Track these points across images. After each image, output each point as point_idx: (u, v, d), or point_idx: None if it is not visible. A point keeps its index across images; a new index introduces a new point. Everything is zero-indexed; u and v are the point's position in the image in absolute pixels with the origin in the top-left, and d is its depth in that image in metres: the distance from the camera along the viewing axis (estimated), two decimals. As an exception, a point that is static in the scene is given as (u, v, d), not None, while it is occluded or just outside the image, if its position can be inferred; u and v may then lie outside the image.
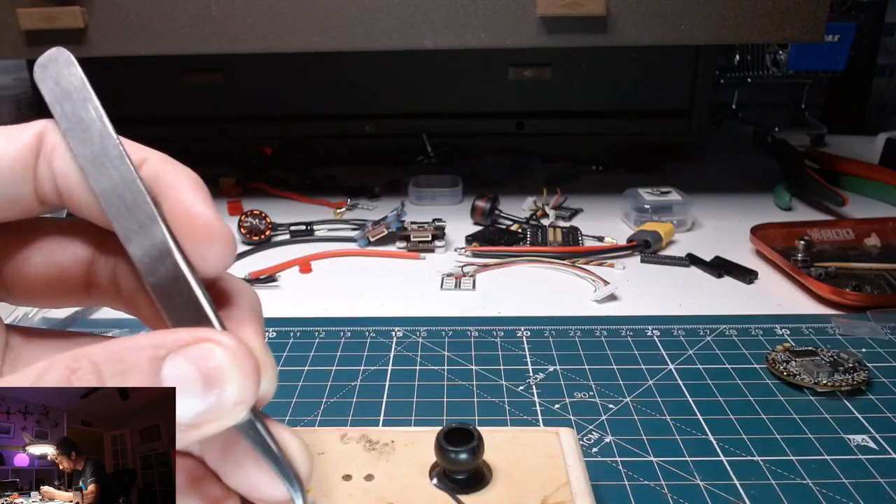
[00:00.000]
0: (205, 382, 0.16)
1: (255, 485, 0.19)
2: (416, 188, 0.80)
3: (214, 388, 0.17)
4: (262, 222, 0.68)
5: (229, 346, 0.17)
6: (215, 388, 0.17)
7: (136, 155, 0.20)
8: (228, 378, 0.17)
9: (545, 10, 0.60)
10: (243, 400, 0.17)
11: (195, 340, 0.17)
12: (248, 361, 0.17)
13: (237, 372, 0.17)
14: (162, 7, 0.62)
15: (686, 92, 0.93)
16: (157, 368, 0.16)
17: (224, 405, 0.17)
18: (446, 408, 0.40)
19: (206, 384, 0.16)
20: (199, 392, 0.16)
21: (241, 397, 0.17)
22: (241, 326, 0.20)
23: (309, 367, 0.45)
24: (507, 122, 0.95)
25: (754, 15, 0.60)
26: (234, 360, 0.17)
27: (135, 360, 0.16)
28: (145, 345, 0.16)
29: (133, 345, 0.16)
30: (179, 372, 0.16)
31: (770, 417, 0.38)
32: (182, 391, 0.16)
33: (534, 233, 0.68)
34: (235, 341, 0.17)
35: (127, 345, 0.16)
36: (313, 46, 0.63)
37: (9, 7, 0.62)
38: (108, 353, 0.16)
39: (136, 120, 0.93)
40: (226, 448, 0.19)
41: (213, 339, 0.17)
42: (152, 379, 0.16)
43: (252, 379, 0.17)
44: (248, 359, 0.17)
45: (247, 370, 0.17)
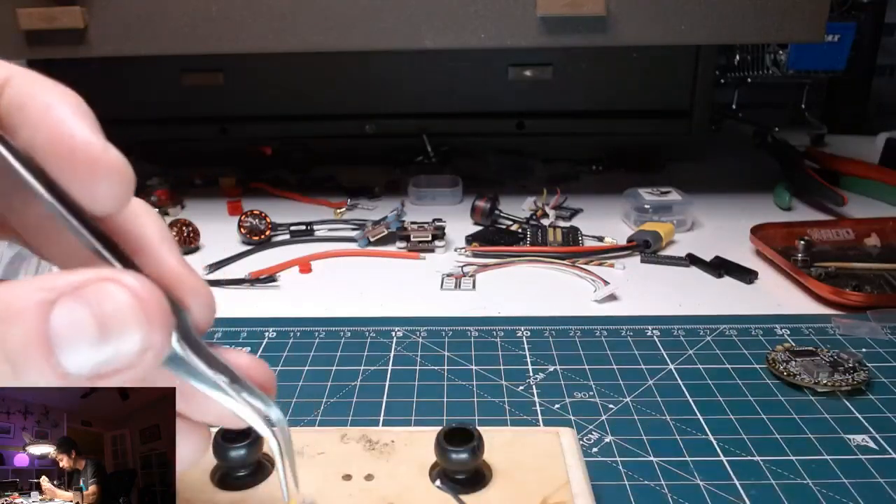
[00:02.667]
0: (101, 329, 0.14)
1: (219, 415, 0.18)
2: (416, 188, 0.80)
3: (113, 335, 0.15)
4: (262, 222, 0.68)
5: (130, 285, 0.15)
6: (114, 336, 0.15)
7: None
8: (129, 323, 0.15)
9: (545, 10, 0.60)
10: (151, 346, 0.15)
11: (90, 282, 0.15)
12: (155, 304, 0.15)
13: (139, 315, 0.15)
14: (162, 7, 0.62)
15: (686, 92, 0.93)
16: (44, 314, 0.14)
17: (126, 354, 0.15)
18: (446, 408, 0.40)
19: (102, 331, 0.14)
20: (94, 340, 0.14)
21: (147, 343, 0.15)
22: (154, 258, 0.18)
23: (309, 367, 0.45)
24: (507, 122, 0.95)
25: (754, 15, 0.60)
26: (137, 301, 0.15)
27: (20, 305, 0.14)
28: (34, 287, 0.14)
29: (21, 289, 0.14)
30: (71, 318, 0.14)
31: (770, 417, 0.38)
32: (75, 340, 0.14)
33: (534, 233, 0.68)
34: (138, 280, 0.15)
35: (14, 288, 0.14)
36: (313, 46, 0.63)
37: (9, 7, 0.62)
38: None
39: (136, 120, 0.93)
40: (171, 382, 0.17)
41: (111, 279, 0.15)
42: (39, 326, 0.14)
43: (159, 321, 0.15)
44: (155, 300, 0.15)
45: (153, 312, 0.15)
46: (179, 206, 0.78)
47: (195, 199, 0.81)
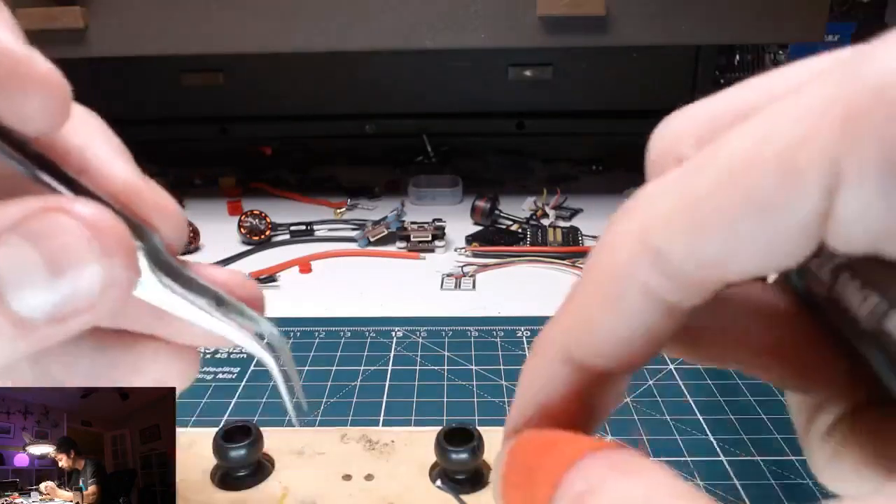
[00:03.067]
0: (51, 266, 0.13)
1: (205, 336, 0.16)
2: (416, 188, 0.80)
3: (66, 271, 0.13)
4: (262, 222, 0.68)
5: (80, 212, 0.13)
6: (68, 272, 0.13)
7: None
8: (83, 256, 0.13)
9: (545, 10, 0.60)
10: (114, 282, 0.13)
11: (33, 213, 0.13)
12: (108, 228, 0.13)
13: (94, 246, 0.13)
14: (162, 7, 0.62)
15: (686, 92, 0.93)
16: None
17: (85, 291, 0.13)
18: (446, 408, 0.40)
19: (53, 268, 0.13)
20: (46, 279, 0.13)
21: (109, 277, 0.13)
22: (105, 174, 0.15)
23: (309, 367, 0.45)
24: (507, 122, 0.95)
25: (754, 15, 0.60)
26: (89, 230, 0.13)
27: None
28: None
29: None
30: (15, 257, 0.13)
31: (770, 417, 0.38)
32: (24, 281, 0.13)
33: (534, 233, 0.68)
34: (88, 206, 0.13)
35: None
36: (313, 46, 0.63)
37: (9, 7, 0.62)
38: None
39: (136, 120, 0.93)
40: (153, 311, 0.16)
41: (57, 208, 0.13)
42: None
43: (119, 250, 0.13)
44: (108, 225, 0.13)
45: (109, 240, 0.13)
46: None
47: (195, 199, 0.81)
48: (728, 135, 0.11)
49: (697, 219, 0.10)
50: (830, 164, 0.09)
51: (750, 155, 0.10)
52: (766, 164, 0.10)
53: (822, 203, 0.09)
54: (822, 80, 0.10)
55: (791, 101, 0.10)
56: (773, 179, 0.10)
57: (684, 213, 0.10)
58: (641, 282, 0.11)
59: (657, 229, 0.11)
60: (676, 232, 0.11)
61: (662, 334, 0.12)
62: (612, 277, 0.11)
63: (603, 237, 0.12)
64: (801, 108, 0.10)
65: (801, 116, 0.10)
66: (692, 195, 0.10)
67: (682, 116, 0.14)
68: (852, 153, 0.09)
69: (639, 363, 0.12)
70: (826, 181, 0.09)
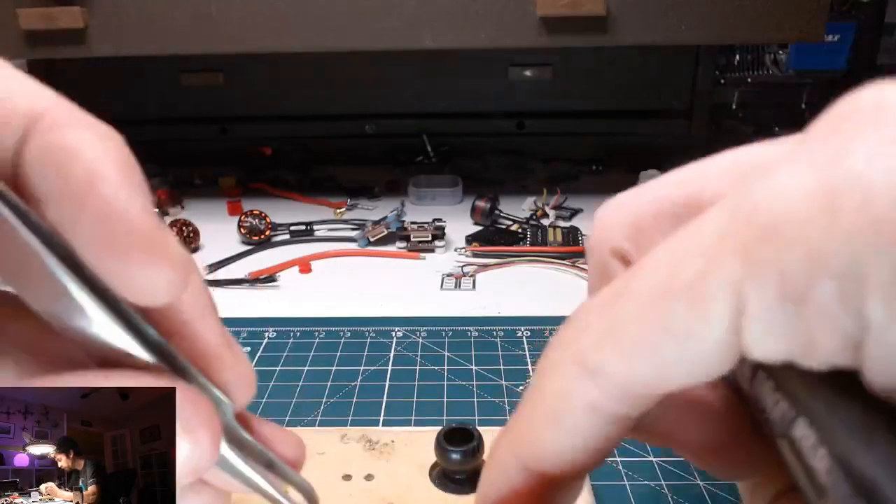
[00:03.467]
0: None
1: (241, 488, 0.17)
2: (416, 188, 0.80)
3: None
4: (262, 222, 0.68)
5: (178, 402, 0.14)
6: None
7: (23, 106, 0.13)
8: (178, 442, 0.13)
9: (545, 10, 0.60)
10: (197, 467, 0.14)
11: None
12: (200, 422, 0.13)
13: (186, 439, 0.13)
14: (162, 7, 0.62)
15: (686, 92, 0.93)
16: None
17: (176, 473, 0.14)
18: (446, 408, 0.40)
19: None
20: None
21: (196, 465, 0.14)
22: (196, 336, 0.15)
23: (309, 367, 0.45)
24: (507, 122, 0.95)
25: (754, 15, 0.60)
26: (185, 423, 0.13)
27: None
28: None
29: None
30: None
31: (770, 417, 0.38)
32: None
33: (534, 233, 0.68)
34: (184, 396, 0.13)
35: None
36: (313, 46, 0.63)
37: (9, 7, 0.62)
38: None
39: (136, 120, 0.93)
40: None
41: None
42: None
43: (206, 442, 0.14)
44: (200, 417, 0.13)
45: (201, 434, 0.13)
46: (179, 206, 0.78)
47: (195, 199, 0.81)
48: (643, 263, 0.12)
49: (626, 345, 0.12)
50: (734, 295, 0.10)
51: (663, 286, 0.11)
52: (677, 296, 0.11)
53: (731, 326, 0.10)
54: (720, 210, 0.11)
55: (694, 232, 0.11)
56: (685, 310, 0.11)
57: (614, 340, 0.12)
58: (586, 401, 0.12)
59: (592, 354, 0.12)
60: (610, 357, 0.12)
61: (611, 441, 0.13)
62: (554, 399, 0.13)
63: (541, 362, 0.13)
64: (703, 241, 0.11)
65: (702, 251, 0.11)
66: (618, 324, 0.12)
67: (615, 206, 0.15)
68: (753, 284, 0.10)
69: (591, 466, 0.13)
70: (732, 308, 0.10)
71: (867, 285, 0.09)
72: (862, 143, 0.09)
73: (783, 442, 0.11)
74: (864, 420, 0.10)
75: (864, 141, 0.09)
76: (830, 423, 0.10)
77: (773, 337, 0.10)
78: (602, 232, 0.15)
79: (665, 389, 0.12)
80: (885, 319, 0.09)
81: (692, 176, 0.15)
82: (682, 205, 0.14)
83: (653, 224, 0.15)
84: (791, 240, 0.10)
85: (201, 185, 0.86)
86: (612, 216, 0.15)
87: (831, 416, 0.10)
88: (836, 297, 0.09)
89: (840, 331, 0.09)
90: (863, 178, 0.09)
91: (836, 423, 0.10)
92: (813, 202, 0.09)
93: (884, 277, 0.09)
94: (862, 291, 0.09)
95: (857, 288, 0.09)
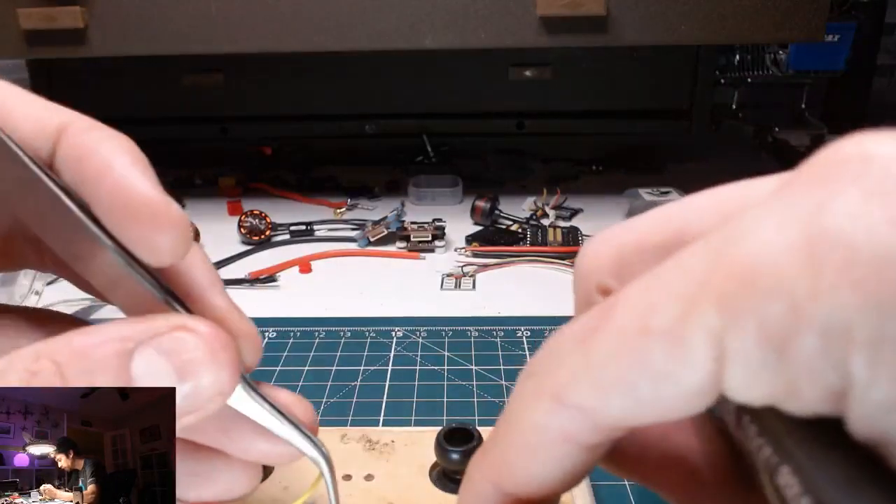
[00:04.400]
0: (179, 376, 0.15)
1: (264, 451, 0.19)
2: (416, 188, 0.80)
3: (189, 380, 0.15)
4: (262, 222, 0.68)
5: (203, 332, 0.16)
6: (190, 381, 0.15)
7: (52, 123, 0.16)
8: (204, 370, 0.15)
9: (545, 10, 0.60)
10: (221, 391, 0.16)
11: (165, 329, 0.15)
12: (223, 347, 0.16)
13: (213, 362, 0.15)
14: (162, 7, 0.62)
15: (686, 92, 0.93)
16: (125, 364, 0.15)
17: (201, 397, 0.16)
18: (446, 408, 0.40)
19: (180, 378, 0.15)
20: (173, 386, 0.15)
21: (220, 388, 0.16)
22: (207, 300, 0.18)
23: (309, 367, 0.45)
24: (507, 122, 0.95)
25: (754, 15, 0.60)
26: (209, 348, 0.15)
27: (101, 356, 0.15)
28: (111, 337, 0.15)
29: (98, 339, 0.15)
30: (151, 367, 0.15)
31: (770, 417, 0.38)
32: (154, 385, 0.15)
33: (534, 233, 0.68)
34: (209, 327, 0.16)
35: (92, 339, 0.15)
36: (313, 46, 0.63)
37: (9, 7, 0.62)
38: (71, 350, 0.15)
39: (136, 120, 0.93)
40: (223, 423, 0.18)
41: (185, 327, 0.15)
42: (121, 377, 0.15)
43: (229, 367, 0.16)
44: (223, 344, 0.16)
45: (224, 358, 0.16)
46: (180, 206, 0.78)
47: (195, 199, 0.81)
48: (619, 298, 0.12)
49: (603, 383, 0.12)
50: (714, 340, 0.10)
51: (640, 325, 0.11)
52: (655, 338, 0.11)
53: (711, 369, 0.10)
54: (700, 251, 0.11)
55: (672, 270, 0.11)
56: (663, 353, 0.11)
57: (590, 377, 0.12)
58: (561, 433, 0.12)
59: (568, 389, 0.12)
60: (586, 393, 0.12)
61: (586, 466, 0.13)
62: (531, 430, 0.13)
63: (515, 394, 0.14)
64: (682, 283, 0.11)
65: (681, 294, 0.11)
66: (595, 361, 0.12)
67: (600, 242, 0.16)
68: (733, 331, 0.10)
69: (566, 489, 0.14)
70: (712, 353, 0.10)
71: (851, 343, 0.09)
72: (846, 197, 0.09)
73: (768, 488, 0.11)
74: (847, 469, 0.10)
75: (848, 196, 0.09)
76: (814, 472, 0.10)
77: (755, 381, 0.10)
78: (587, 267, 0.16)
79: (641, 423, 0.12)
80: (869, 378, 0.09)
81: (676, 213, 0.15)
82: (666, 241, 0.14)
83: (637, 260, 0.15)
84: (772, 292, 0.10)
85: (201, 185, 0.86)
86: (596, 251, 0.16)
87: (815, 465, 0.10)
88: (819, 352, 0.09)
89: (823, 382, 0.09)
90: (846, 236, 0.09)
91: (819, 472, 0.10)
92: (795, 257, 0.10)
93: (867, 336, 0.09)
94: (846, 348, 0.09)
95: (840, 345, 0.09)
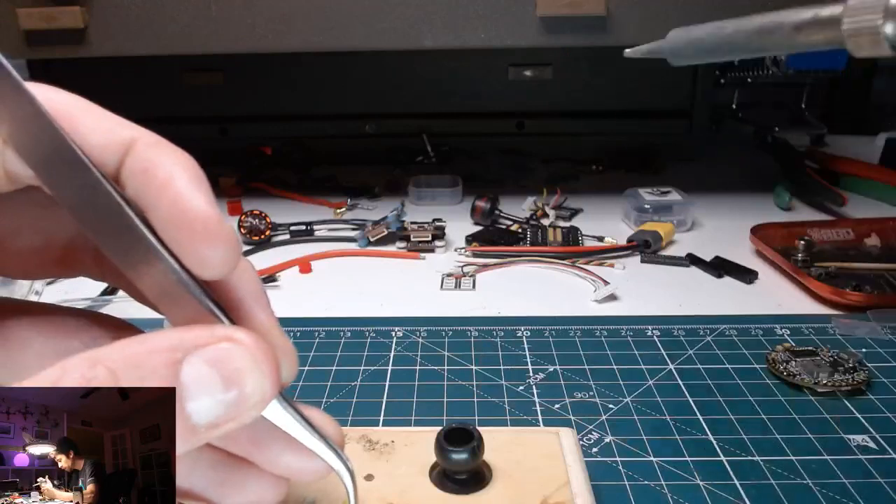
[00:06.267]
0: (225, 384, 0.16)
1: (291, 464, 0.20)
2: (416, 188, 0.80)
3: (234, 388, 0.16)
4: (262, 222, 0.68)
5: (248, 344, 0.17)
6: (234, 389, 0.16)
7: (121, 136, 0.18)
8: (248, 379, 0.16)
9: (545, 10, 0.60)
10: (263, 399, 0.17)
11: (213, 340, 0.16)
12: (266, 359, 0.17)
13: (257, 372, 0.17)
14: (162, 7, 0.62)
15: (686, 92, 0.93)
16: (175, 372, 0.16)
17: (244, 405, 0.17)
18: (446, 408, 0.40)
19: (226, 386, 0.16)
20: (219, 394, 0.16)
21: (262, 397, 0.17)
22: (251, 314, 0.19)
23: (309, 367, 0.45)
24: (507, 122, 0.95)
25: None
26: (253, 359, 0.17)
27: (152, 364, 0.16)
28: (162, 347, 0.16)
29: (149, 347, 0.16)
30: (198, 375, 0.16)
31: (770, 417, 0.38)
32: (202, 394, 0.16)
33: (534, 233, 0.68)
34: (253, 339, 0.17)
35: (143, 347, 0.16)
36: (313, 46, 0.63)
37: (9, 7, 0.62)
38: (124, 359, 0.16)
39: (136, 120, 0.93)
40: (254, 435, 0.19)
41: (231, 338, 0.16)
42: (171, 383, 0.16)
43: (271, 377, 0.17)
44: (266, 356, 0.17)
45: (266, 369, 0.17)
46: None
47: (195, 199, 0.81)
48: None
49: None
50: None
51: None
52: None
53: None
54: None
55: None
56: None
57: None
58: None
59: None
60: None
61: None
62: None
63: None
64: None
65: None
66: None
67: None
68: None
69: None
70: None
71: None
72: None
73: None
74: None
75: None
76: None
77: None
78: None
79: None
80: None
81: None
82: None
83: None
84: None
85: (201, 185, 0.86)
86: None
87: None
88: None
89: None
90: None
91: None
92: None
93: None
94: None
95: None
